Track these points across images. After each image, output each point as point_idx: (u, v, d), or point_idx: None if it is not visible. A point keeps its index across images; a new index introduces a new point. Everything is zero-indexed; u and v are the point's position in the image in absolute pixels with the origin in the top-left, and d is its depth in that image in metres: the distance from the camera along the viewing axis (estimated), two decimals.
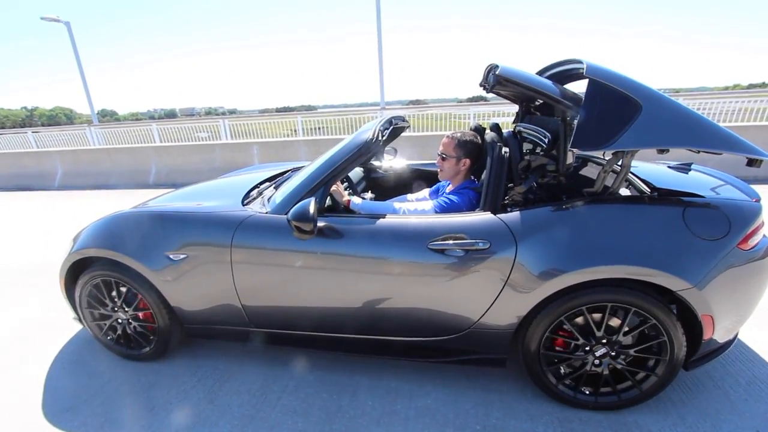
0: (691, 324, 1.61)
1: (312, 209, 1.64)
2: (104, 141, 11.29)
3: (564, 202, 1.67)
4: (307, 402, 1.91)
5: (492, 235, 1.64)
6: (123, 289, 2.11)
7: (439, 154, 2.08)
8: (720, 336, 1.65)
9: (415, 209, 1.94)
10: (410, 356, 1.90)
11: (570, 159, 1.71)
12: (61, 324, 2.65)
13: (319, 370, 2.12)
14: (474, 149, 2.04)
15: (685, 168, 2.15)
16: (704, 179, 1.96)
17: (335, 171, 1.84)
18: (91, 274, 2.10)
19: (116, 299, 2.14)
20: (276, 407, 1.88)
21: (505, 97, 2.47)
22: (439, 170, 2.12)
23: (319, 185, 1.83)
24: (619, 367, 1.70)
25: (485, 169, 1.80)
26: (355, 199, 2.04)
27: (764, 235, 1.66)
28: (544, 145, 1.86)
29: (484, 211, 1.73)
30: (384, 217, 1.80)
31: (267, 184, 2.51)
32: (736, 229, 1.55)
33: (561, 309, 1.64)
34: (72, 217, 5.52)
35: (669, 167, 2.20)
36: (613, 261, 1.54)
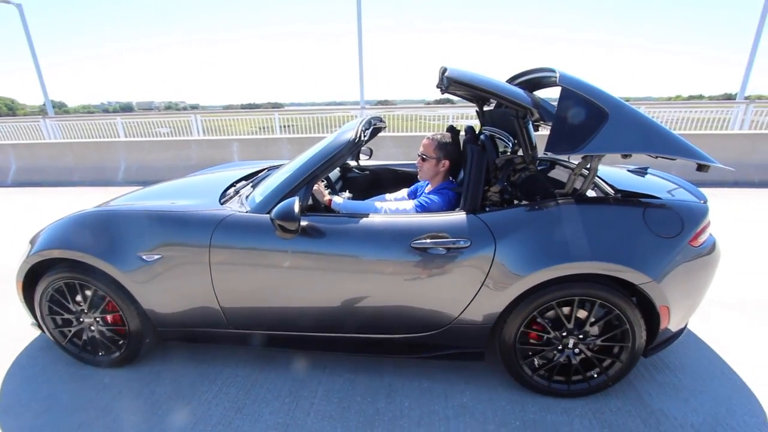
0: (649, 315, 1.76)
1: (296, 208, 1.65)
2: (61, 134, 10.46)
3: (538, 202, 1.78)
4: (342, 406, 1.86)
5: (472, 234, 1.71)
6: (88, 293, 2.01)
7: (419, 155, 2.11)
8: (674, 325, 1.81)
9: (396, 209, 1.97)
10: (392, 353, 1.93)
11: (530, 154, 1.87)
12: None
13: (348, 373, 2.09)
14: (453, 151, 2.09)
15: (642, 172, 2.33)
16: (659, 182, 2.13)
17: (317, 170, 1.84)
18: (52, 278, 1.97)
19: (81, 303, 2.04)
20: (310, 413, 1.83)
21: (462, 98, 2.55)
22: (418, 170, 2.15)
23: (301, 184, 1.83)
24: (588, 355, 1.83)
25: (464, 169, 1.83)
26: (336, 199, 2.06)
27: (710, 234, 1.84)
28: (510, 146, 2.03)
29: (464, 210, 1.79)
30: (367, 216, 1.83)
31: (243, 183, 2.46)
32: (688, 227, 1.71)
33: (535, 303, 1.73)
34: (31, 216, 5.09)
35: (628, 171, 2.36)
36: (585, 258, 1.65)
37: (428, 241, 1.72)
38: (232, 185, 2.38)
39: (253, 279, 1.83)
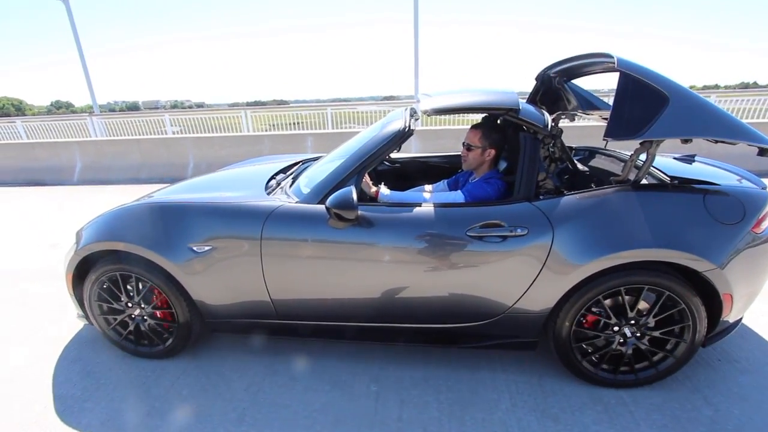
0: (710, 303, 1.74)
1: (354, 197, 1.66)
2: (106, 132, 10.34)
3: (595, 189, 1.76)
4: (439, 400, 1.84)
5: (529, 222, 1.70)
6: (139, 285, 2.04)
7: (464, 145, 2.11)
8: (733, 315, 1.78)
9: (445, 199, 1.95)
10: (443, 343, 1.95)
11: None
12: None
13: (421, 367, 2.04)
14: (499, 140, 2.07)
15: (689, 159, 2.27)
16: (710, 169, 2.08)
17: (368, 160, 1.84)
18: (103, 269, 2.01)
19: (131, 295, 2.08)
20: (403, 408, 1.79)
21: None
22: (463, 160, 2.15)
23: (352, 174, 1.83)
24: (642, 347, 1.81)
25: (505, 158, 1.84)
26: (383, 190, 2.05)
27: None
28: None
29: (519, 199, 1.77)
30: (419, 206, 1.81)
31: (282, 175, 2.46)
32: (750, 214, 1.69)
33: (593, 292, 1.72)
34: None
35: (674, 158, 2.29)
36: (647, 245, 1.63)
37: (484, 229, 1.70)
38: (272, 177, 2.37)
39: (304, 270, 1.84)
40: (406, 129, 1.86)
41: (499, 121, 2.25)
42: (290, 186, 2.11)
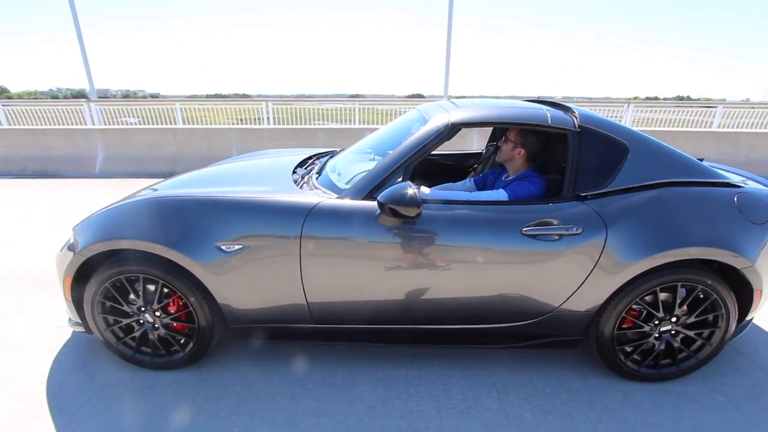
0: (740, 299, 1.84)
1: (415, 192, 1.59)
2: (101, 120, 9.36)
3: (641, 188, 1.78)
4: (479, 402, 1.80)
5: (583, 221, 1.71)
6: (151, 287, 1.85)
7: (504, 136, 2.12)
8: (757, 310, 1.92)
9: (488, 197, 1.93)
10: (487, 343, 1.92)
11: None
12: None
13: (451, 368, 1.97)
14: (533, 141, 2.04)
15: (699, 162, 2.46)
16: (723, 173, 2.12)
17: (415, 155, 1.78)
18: (111, 271, 1.79)
19: (143, 299, 1.86)
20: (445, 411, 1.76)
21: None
22: (500, 154, 2.15)
23: (398, 169, 1.77)
24: (678, 341, 1.89)
25: (567, 156, 1.82)
26: (424, 188, 2.00)
27: None
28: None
29: (569, 197, 1.78)
30: (469, 204, 1.79)
31: (300, 169, 2.33)
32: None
33: (638, 290, 1.75)
34: None
35: None
36: (693, 243, 1.71)
37: (540, 227, 1.69)
38: (293, 171, 2.25)
39: (346, 270, 1.75)
40: (454, 123, 1.81)
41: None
42: (317, 180, 2.00)
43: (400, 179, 1.78)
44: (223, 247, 1.70)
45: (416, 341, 1.92)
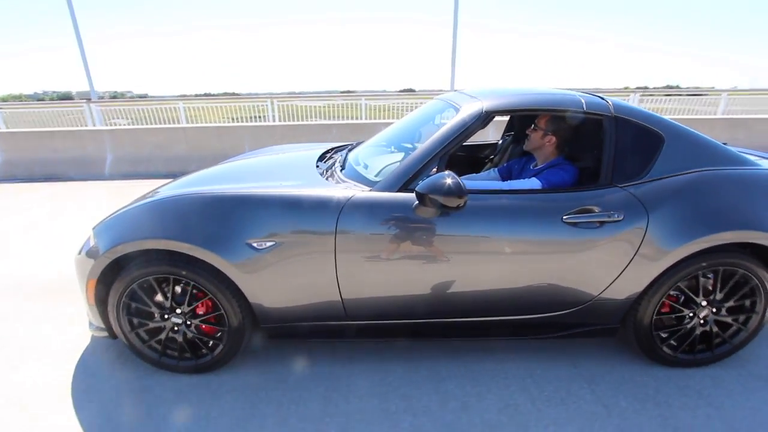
0: None
1: (456, 181, 1.54)
2: (102, 122, 9.12)
3: (679, 173, 1.76)
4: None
5: (624, 207, 1.68)
6: (177, 288, 1.78)
7: (533, 124, 2.06)
8: None
9: (521, 185, 1.90)
10: (524, 334, 1.88)
11: None
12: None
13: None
14: (564, 128, 1.99)
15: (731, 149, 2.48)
16: (751, 157, 2.13)
17: (450, 144, 1.73)
18: (139, 272, 1.71)
19: (171, 301, 1.79)
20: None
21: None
22: (529, 142, 2.10)
23: (433, 159, 1.72)
24: (715, 326, 1.86)
25: (604, 142, 1.79)
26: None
27: None
28: None
29: (607, 184, 1.74)
30: (507, 193, 1.76)
31: (321, 163, 2.28)
32: None
33: (678, 276, 1.73)
34: None
35: None
36: (733, 227, 1.69)
37: (581, 215, 1.67)
38: (315, 165, 2.20)
39: (383, 264, 1.69)
40: (488, 111, 1.76)
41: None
42: (342, 173, 1.95)
43: (435, 170, 1.74)
44: (255, 245, 1.64)
45: (451, 334, 1.89)
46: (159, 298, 1.80)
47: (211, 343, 1.86)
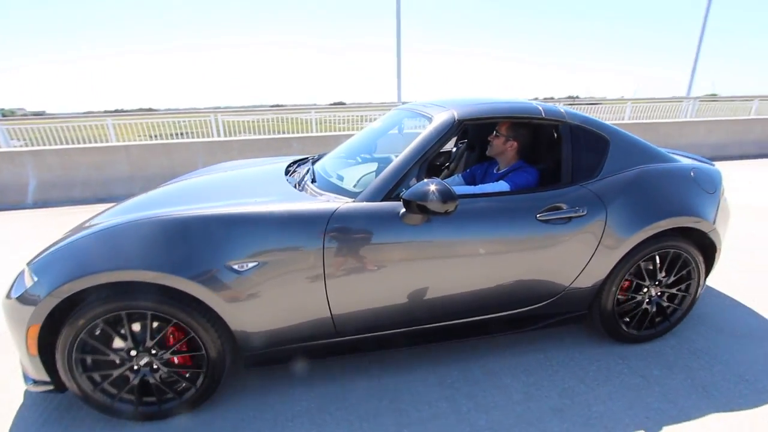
0: (706, 259, 2.14)
1: (445, 186, 1.58)
2: (6, 142, 7.87)
3: (624, 171, 2.01)
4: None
5: (585, 203, 1.88)
6: (135, 326, 1.59)
7: (495, 131, 2.19)
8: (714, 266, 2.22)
9: (492, 188, 1.98)
10: (510, 329, 1.98)
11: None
12: None
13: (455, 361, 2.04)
14: (524, 134, 2.14)
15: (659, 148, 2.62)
16: (675, 156, 2.40)
17: (429, 152, 1.79)
18: (95, 311, 1.49)
19: (139, 339, 1.60)
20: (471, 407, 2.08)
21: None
22: (489, 146, 2.23)
23: (413, 168, 1.75)
24: (664, 304, 2.15)
25: (560, 145, 1.98)
26: None
27: None
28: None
29: (569, 183, 1.93)
30: (482, 196, 1.85)
31: (289, 177, 2.22)
32: (718, 185, 2.23)
33: (632, 261, 1.97)
34: None
35: None
36: (674, 214, 1.97)
37: (552, 212, 1.83)
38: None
39: (373, 276, 1.67)
40: (460, 119, 1.85)
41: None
42: (315, 186, 1.91)
43: (414, 179, 1.75)
44: (236, 267, 1.53)
45: (447, 338, 1.91)
46: (129, 335, 1.58)
47: (189, 375, 1.68)
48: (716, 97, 11.31)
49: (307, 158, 2.68)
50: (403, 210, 1.63)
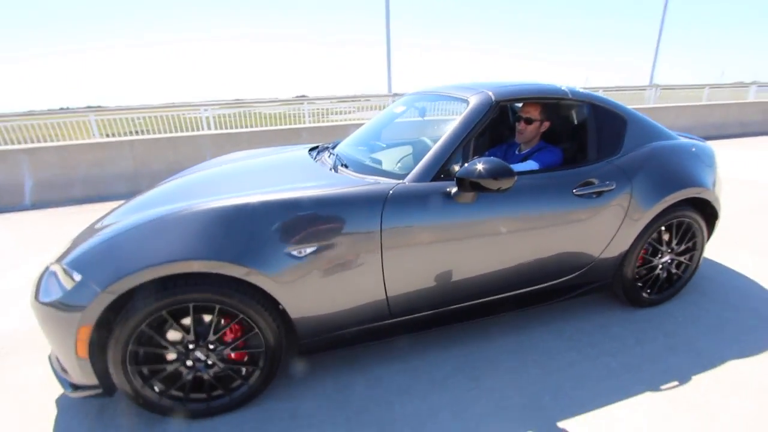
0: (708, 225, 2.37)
1: (504, 163, 1.63)
2: None
3: (642, 146, 2.18)
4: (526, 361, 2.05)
5: (614, 178, 2.03)
6: (185, 320, 1.54)
7: (523, 119, 2.23)
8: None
9: (523, 168, 2.05)
10: (540, 303, 2.08)
11: None
12: None
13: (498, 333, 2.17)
14: (553, 112, 2.24)
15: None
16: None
17: (471, 134, 1.84)
18: (154, 307, 1.44)
19: (192, 332, 1.55)
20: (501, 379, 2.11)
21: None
22: (519, 133, 2.26)
23: (458, 148, 1.81)
24: (674, 267, 2.36)
25: (587, 124, 2.12)
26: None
27: None
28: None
29: (596, 159, 2.08)
30: (524, 174, 1.91)
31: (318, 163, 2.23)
32: (714, 159, 2.47)
33: (650, 231, 2.14)
34: None
35: None
36: (686, 185, 2.16)
37: (585, 187, 1.96)
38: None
39: (426, 256, 1.71)
40: (498, 100, 1.92)
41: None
42: (348, 170, 1.93)
43: (460, 159, 1.82)
44: (295, 253, 1.52)
45: (487, 314, 1.98)
46: (175, 334, 1.54)
47: (244, 371, 1.66)
48: (659, 86, 12.24)
49: (317, 146, 2.68)
50: (456, 189, 1.68)
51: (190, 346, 1.56)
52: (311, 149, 2.61)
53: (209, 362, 1.60)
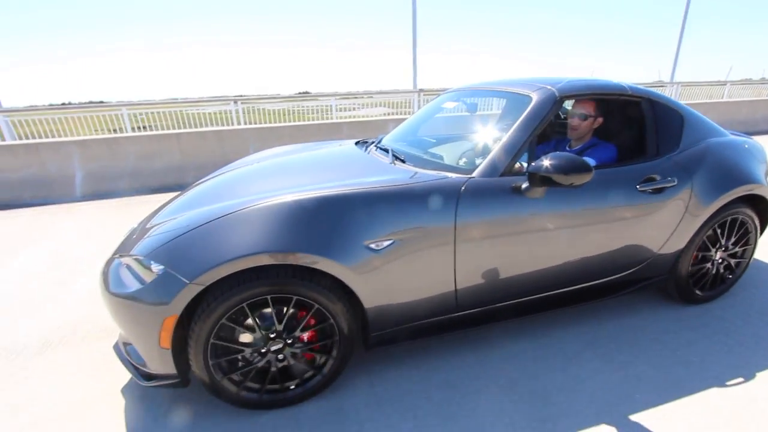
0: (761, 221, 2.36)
1: (581, 159, 1.65)
2: (14, 135, 7.29)
3: (700, 142, 2.19)
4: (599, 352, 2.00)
5: (675, 174, 2.03)
6: (266, 310, 1.55)
7: (577, 115, 2.20)
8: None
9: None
10: (603, 296, 2.08)
11: None
12: None
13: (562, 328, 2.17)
14: (609, 111, 2.23)
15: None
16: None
17: (536, 129, 1.84)
18: (238, 296, 1.45)
19: (275, 324, 1.56)
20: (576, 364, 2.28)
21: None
22: (573, 130, 2.24)
23: (526, 143, 1.82)
24: (729, 263, 2.34)
25: (645, 121, 2.11)
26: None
27: None
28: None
29: (656, 155, 2.07)
30: (598, 168, 1.91)
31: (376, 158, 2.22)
32: (765, 155, 2.48)
33: (708, 227, 2.14)
34: None
35: None
36: (744, 182, 2.15)
37: (648, 183, 1.97)
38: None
39: (496, 249, 1.74)
40: (562, 96, 1.91)
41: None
42: (408, 164, 1.94)
43: (526, 155, 1.84)
44: (373, 246, 1.54)
45: (547, 308, 1.98)
46: (257, 323, 1.55)
47: (316, 361, 1.68)
48: (680, 83, 12.24)
49: (364, 141, 2.68)
50: (527, 184, 1.69)
51: (272, 336, 1.56)
52: (357, 143, 2.61)
53: (286, 353, 1.60)
